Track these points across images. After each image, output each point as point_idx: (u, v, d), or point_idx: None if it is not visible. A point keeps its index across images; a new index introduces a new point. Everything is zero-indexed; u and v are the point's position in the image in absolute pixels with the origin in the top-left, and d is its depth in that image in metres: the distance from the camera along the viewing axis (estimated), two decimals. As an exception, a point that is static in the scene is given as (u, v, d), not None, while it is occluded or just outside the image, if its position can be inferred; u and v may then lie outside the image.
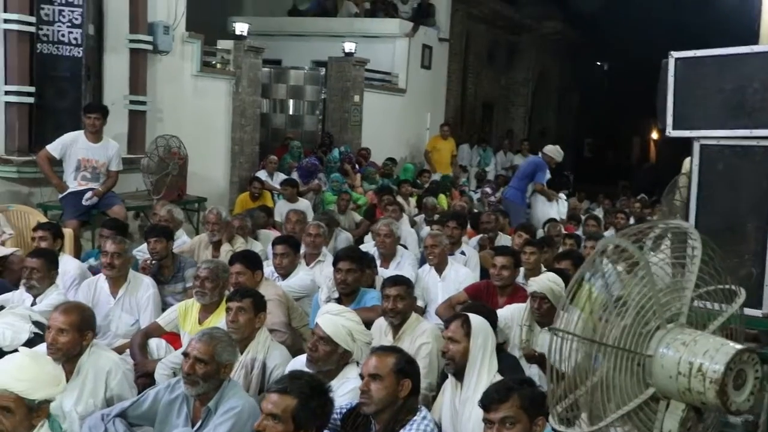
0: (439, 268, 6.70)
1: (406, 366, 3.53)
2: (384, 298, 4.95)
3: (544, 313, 4.92)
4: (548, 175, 11.45)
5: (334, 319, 4.10)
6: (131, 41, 9.62)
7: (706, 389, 2.15)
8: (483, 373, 4.01)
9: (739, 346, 2.17)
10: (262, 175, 11.30)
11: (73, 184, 7.80)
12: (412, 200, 11.70)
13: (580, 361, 2.24)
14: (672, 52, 5.15)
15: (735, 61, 4.04)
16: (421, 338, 4.83)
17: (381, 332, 5.01)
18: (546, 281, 4.99)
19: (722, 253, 2.36)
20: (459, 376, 4.05)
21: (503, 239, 8.60)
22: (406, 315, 4.94)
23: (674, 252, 2.34)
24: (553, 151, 11.37)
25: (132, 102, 9.73)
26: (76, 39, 8.48)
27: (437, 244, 6.69)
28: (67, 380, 3.96)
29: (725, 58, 4.88)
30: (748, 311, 2.64)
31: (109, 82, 9.43)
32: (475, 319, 4.16)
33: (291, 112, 14.27)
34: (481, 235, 8.80)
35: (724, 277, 2.40)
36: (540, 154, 11.57)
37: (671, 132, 5.12)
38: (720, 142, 4.92)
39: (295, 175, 11.57)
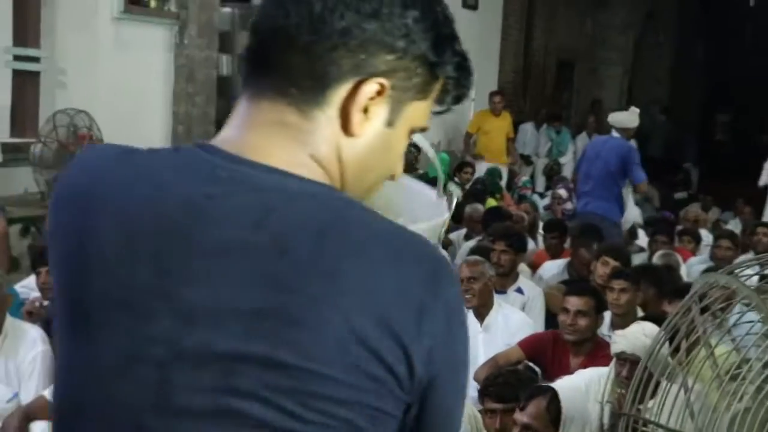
0: (481, 312, 6.70)
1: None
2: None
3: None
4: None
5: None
6: (15, -35, 9.68)
7: None
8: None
9: None
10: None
11: None
12: (447, 208, 11.68)
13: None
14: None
15: None
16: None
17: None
18: (640, 336, 4.92)
19: None
20: None
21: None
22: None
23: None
24: (627, 118, 11.01)
25: (17, 58, 9.75)
26: None
27: (477, 277, 6.67)
28: None
29: None
30: None
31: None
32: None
33: (264, 75, 14.26)
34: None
35: None
36: (613, 133, 11.09)
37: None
38: None
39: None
